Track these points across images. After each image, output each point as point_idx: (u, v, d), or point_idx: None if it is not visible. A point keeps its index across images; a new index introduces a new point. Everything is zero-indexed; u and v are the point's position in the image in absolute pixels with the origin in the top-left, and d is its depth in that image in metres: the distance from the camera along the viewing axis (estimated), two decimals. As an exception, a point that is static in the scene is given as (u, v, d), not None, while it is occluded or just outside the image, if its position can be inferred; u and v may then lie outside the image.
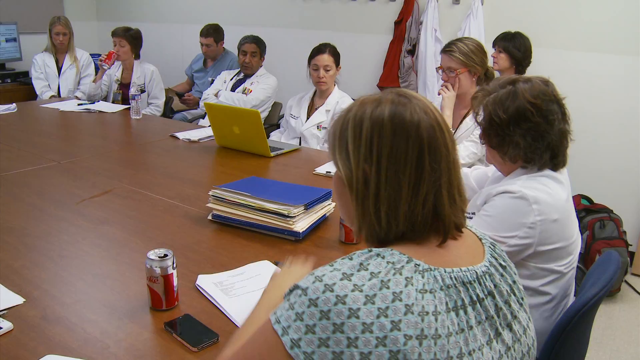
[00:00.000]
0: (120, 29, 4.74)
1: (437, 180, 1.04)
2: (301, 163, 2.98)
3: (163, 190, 2.46)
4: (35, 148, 3.19)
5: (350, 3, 5.11)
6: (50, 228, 2.07)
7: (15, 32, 5.95)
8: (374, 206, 1.06)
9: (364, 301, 0.93)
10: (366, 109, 1.08)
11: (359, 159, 1.07)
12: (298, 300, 0.97)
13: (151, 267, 1.47)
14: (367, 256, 1.01)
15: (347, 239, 1.96)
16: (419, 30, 4.77)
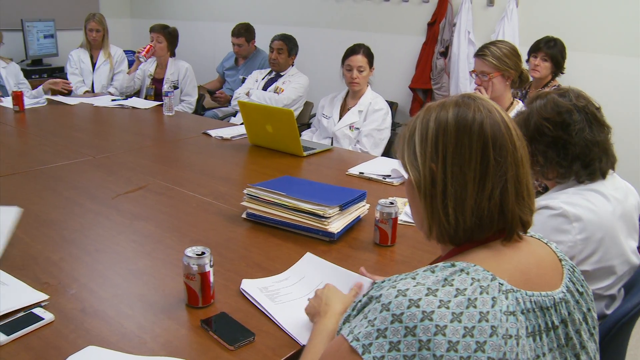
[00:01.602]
0: (158, 26, 4.79)
1: (503, 175, 1.05)
2: (334, 163, 2.97)
3: (196, 187, 2.47)
4: (71, 142, 3.23)
5: (384, 4, 5.09)
6: (86, 222, 2.09)
7: (52, 28, 6.05)
8: (441, 203, 1.07)
9: (451, 319, 0.92)
10: (431, 112, 1.11)
11: (425, 159, 1.08)
12: (379, 316, 0.96)
13: (188, 264, 1.48)
14: (452, 271, 1.01)
15: (382, 241, 1.95)
16: (452, 32, 4.74)
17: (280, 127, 2.95)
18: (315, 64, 5.37)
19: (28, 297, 1.52)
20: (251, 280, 1.66)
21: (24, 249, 1.85)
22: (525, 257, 1.09)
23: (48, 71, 5.99)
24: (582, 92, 1.76)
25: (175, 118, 3.99)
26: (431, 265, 1.06)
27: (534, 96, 1.81)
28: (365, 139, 3.57)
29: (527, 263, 1.08)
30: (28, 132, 3.63)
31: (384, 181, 2.63)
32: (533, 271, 1.08)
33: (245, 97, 4.55)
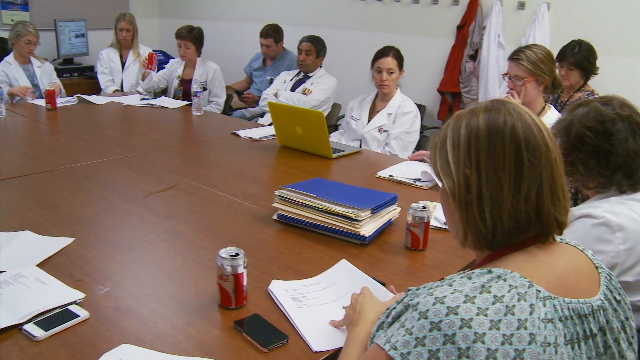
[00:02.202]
0: (184, 30, 4.80)
1: (538, 177, 1.04)
2: (363, 166, 2.96)
3: (226, 187, 2.48)
4: (101, 141, 3.26)
5: (413, 6, 5.06)
6: (118, 220, 2.11)
7: (84, 28, 6.14)
8: (477, 208, 1.06)
9: (489, 326, 0.92)
10: (462, 120, 1.11)
11: (459, 165, 1.08)
12: (417, 324, 0.95)
13: (222, 265, 1.48)
14: (488, 278, 1.00)
15: (413, 245, 1.94)
16: (482, 35, 4.70)
17: (310, 129, 2.95)
18: (343, 65, 5.36)
19: (65, 295, 1.53)
20: (280, 281, 1.66)
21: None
22: (561, 263, 1.08)
23: (78, 70, 6.07)
24: (626, 101, 1.73)
25: (204, 118, 4.00)
26: (467, 272, 1.05)
27: (575, 104, 1.78)
28: (394, 142, 3.55)
29: (564, 269, 1.07)
30: (60, 130, 3.67)
31: (413, 184, 2.61)
32: (570, 278, 1.06)
33: (273, 98, 4.56)
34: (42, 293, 1.54)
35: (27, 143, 3.41)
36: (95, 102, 4.34)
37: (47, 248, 1.80)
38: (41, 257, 1.75)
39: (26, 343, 1.35)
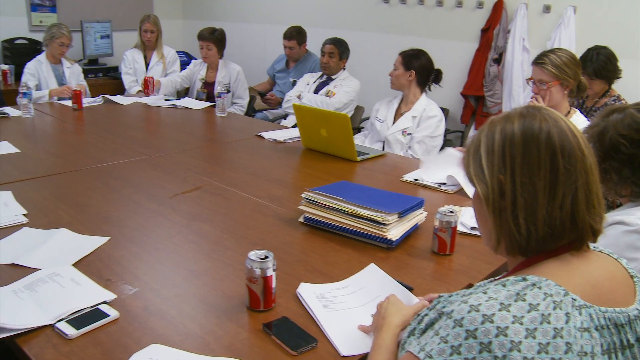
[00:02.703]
0: (206, 32, 4.82)
1: (574, 183, 1.03)
2: (388, 169, 2.95)
3: (252, 189, 2.48)
4: (127, 141, 3.29)
5: (437, 9, 5.04)
6: (145, 221, 2.12)
7: (109, 29, 6.20)
8: (512, 214, 1.05)
9: (525, 334, 0.91)
10: (496, 125, 1.10)
11: (493, 171, 1.07)
12: (452, 332, 0.95)
13: (251, 267, 1.48)
14: (523, 285, 0.99)
15: (440, 250, 1.92)
16: (507, 39, 4.67)
17: (335, 131, 2.94)
18: (366, 68, 5.35)
19: (96, 295, 1.55)
20: (309, 284, 1.66)
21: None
22: (596, 271, 1.07)
23: (103, 70, 6.13)
24: None
25: (228, 119, 4.02)
26: (501, 280, 1.04)
27: (609, 109, 1.74)
28: (417, 146, 3.54)
29: (599, 277, 1.06)
30: (85, 130, 3.71)
31: (439, 189, 2.59)
32: (605, 286, 1.05)
33: (296, 100, 4.57)
34: (75, 292, 1.55)
35: (54, 142, 3.45)
36: (120, 102, 4.37)
37: (83, 247, 1.82)
38: (77, 256, 1.77)
39: (58, 341, 1.37)
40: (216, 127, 3.92)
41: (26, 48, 5.67)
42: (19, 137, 3.29)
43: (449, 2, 4.95)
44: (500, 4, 4.64)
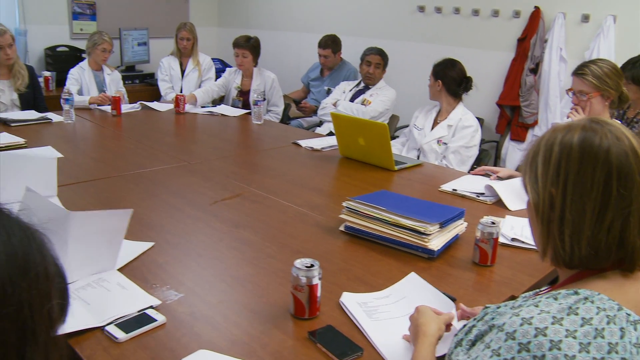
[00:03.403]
0: (241, 40, 4.86)
1: (626, 208, 1.01)
2: (425, 179, 2.94)
3: (291, 197, 2.50)
4: (166, 147, 3.34)
5: (473, 18, 5.02)
6: (187, 227, 2.15)
7: (146, 36, 6.30)
8: (558, 229, 1.05)
9: (579, 349, 0.90)
10: (557, 135, 1.08)
11: (546, 183, 1.07)
12: (504, 345, 0.94)
13: (297, 275, 1.49)
14: (575, 299, 0.98)
15: (481, 261, 1.92)
16: (544, 49, 4.63)
17: (373, 141, 2.95)
18: (401, 77, 5.34)
19: (143, 300, 1.57)
20: (351, 294, 1.66)
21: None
22: None
23: (140, 77, 6.22)
24: None
25: (264, 127, 4.05)
26: (552, 292, 1.03)
27: None
28: (452, 156, 3.52)
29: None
30: (124, 135, 3.77)
31: (477, 199, 2.58)
32: None
33: (332, 108, 4.59)
34: (122, 297, 1.58)
35: (95, 148, 3.51)
36: (157, 109, 4.44)
37: (128, 252, 1.85)
38: (123, 261, 1.79)
39: (108, 344, 1.39)
40: (253, 134, 3.95)
41: (67, 55, 5.79)
42: (61, 142, 3.36)
43: (485, 11, 4.93)
44: (537, 13, 4.60)
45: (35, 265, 0.71)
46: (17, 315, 0.67)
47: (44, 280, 0.71)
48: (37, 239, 0.74)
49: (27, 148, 3.17)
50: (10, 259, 0.68)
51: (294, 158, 3.24)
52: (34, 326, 0.69)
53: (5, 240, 0.69)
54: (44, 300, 0.71)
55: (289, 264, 1.79)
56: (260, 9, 6.87)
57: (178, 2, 6.89)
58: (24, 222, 0.74)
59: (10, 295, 0.66)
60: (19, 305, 0.67)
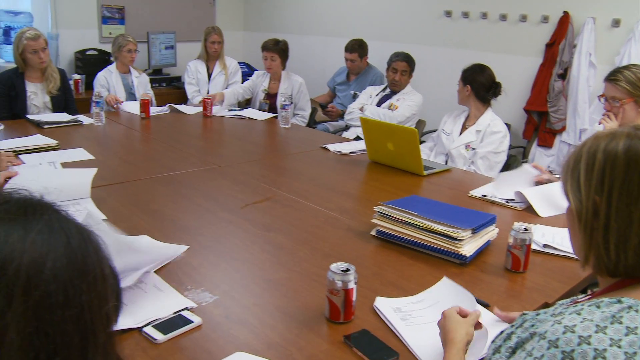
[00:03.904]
0: (270, 43, 4.89)
1: None
2: (454, 184, 2.94)
3: (321, 201, 2.51)
4: (195, 150, 3.37)
5: (500, 23, 5.00)
6: (220, 230, 2.17)
7: (173, 40, 6.38)
8: (602, 237, 1.04)
9: (624, 358, 0.89)
10: (600, 142, 1.07)
11: (589, 190, 1.05)
12: (547, 353, 0.94)
13: (333, 279, 1.50)
14: (619, 308, 0.97)
15: (514, 267, 1.91)
16: (572, 54, 4.60)
17: (402, 146, 2.95)
18: (428, 82, 5.33)
19: (179, 302, 1.60)
20: (385, 298, 1.67)
21: (167, 252, 1.93)
22: None
23: (167, 80, 6.29)
24: None
25: (291, 131, 4.07)
26: (594, 300, 1.02)
27: None
28: (481, 161, 3.51)
29: None
30: (154, 138, 3.82)
31: (507, 205, 2.57)
32: None
33: (358, 112, 4.60)
34: (159, 299, 1.60)
35: (125, 150, 3.56)
36: (186, 112, 4.48)
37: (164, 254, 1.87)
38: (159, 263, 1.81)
39: (147, 345, 1.41)
40: (280, 138, 3.98)
41: (96, 58, 5.88)
42: (92, 144, 3.41)
43: (513, 16, 4.91)
44: (566, 18, 4.57)
45: (93, 267, 0.72)
46: (78, 317, 0.68)
47: (101, 282, 0.73)
48: (93, 240, 0.75)
49: (60, 150, 3.22)
50: (71, 261, 0.69)
51: (322, 162, 3.25)
52: (94, 327, 0.70)
53: (65, 243, 0.70)
54: (102, 301, 0.73)
55: (322, 268, 1.81)
56: (286, 13, 6.90)
57: (205, 6, 6.95)
58: (80, 223, 0.76)
59: (71, 297, 0.68)
60: (80, 307, 0.68)
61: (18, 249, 0.66)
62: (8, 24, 5.41)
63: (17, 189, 0.75)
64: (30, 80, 4.22)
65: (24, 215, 0.70)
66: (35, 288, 0.65)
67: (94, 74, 4.97)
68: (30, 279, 0.65)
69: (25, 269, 0.65)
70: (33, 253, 0.66)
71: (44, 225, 0.70)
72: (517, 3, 4.86)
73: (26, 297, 0.64)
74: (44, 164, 2.96)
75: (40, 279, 0.66)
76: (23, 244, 0.66)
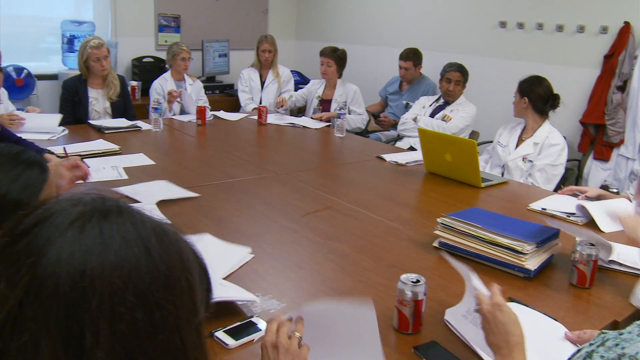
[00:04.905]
0: (328, 49, 4.94)
1: None
2: (512, 197, 2.91)
3: (381, 211, 2.52)
4: (252, 157, 3.42)
5: (556, 34, 4.93)
6: (283, 238, 2.20)
7: (227, 48, 6.50)
8: None
9: None
10: None
11: None
12: None
13: (403, 290, 1.51)
14: None
15: (579, 283, 1.89)
16: (633, 66, 4.50)
17: (460, 157, 2.95)
18: (482, 93, 5.29)
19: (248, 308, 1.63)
20: (452, 307, 1.67)
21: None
22: None
23: (220, 87, 6.40)
24: None
25: (346, 140, 4.09)
26: None
27: None
28: (538, 174, 3.47)
29: None
30: (210, 144, 3.89)
31: (568, 219, 2.53)
32: None
33: (412, 123, 4.61)
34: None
35: (184, 156, 3.64)
36: (229, 118, 4.59)
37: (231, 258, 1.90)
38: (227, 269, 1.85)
39: (219, 349, 1.45)
40: (335, 147, 4.00)
41: (152, 66, 6.03)
42: (152, 149, 3.49)
43: (570, 27, 4.84)
44: (627, 29, 4.48)
45: (179, 279, 0.67)
46: (168, 341, 0.64)
47: (188, 294, 0.68)
48: (174, 244, 0.69)
49: (122, 154, 3.31)
50: (155, 279, 0.64)
51: (379, 172, 3.27)
52: (184, 347, 0.66)
53: (146, 257, 0.64)
54: (191, 315, 0.68)
55: (386, 278, 1.83)
56: (338, 22, 6.94)
57: (258, 15, 7.06)
58: (157, 223, 0.70)
59: (158, 321, 0.63)
60: (169, 330, 0.64)
61: (97, 279, 0.61)
62: (72, 33, 5.59)
63: (90, 191, 0.71)
64: (92, 86, 4.36)
65: (99, 232, 0.64)
66: (120, 319, 0.61)
67: (149, 80, 5.11)
68: (115, 309, 0.61)
69: (108, 299, 0.60)
70: (114, 279, 0.61)
71: (121, 240, 0.64)
72: (575, 14, 4.79)
73: (112, 331, 0.60)
74: (108, 168, 3.05)
75: (125, 307, 0.61)
76: (102, 271, 0.61)
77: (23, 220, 0.66)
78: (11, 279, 0.60)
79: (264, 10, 7.12)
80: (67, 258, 0.61)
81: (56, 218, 0.65)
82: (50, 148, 3.12)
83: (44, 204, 0.68)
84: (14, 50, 5.31)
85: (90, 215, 0.65)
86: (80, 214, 0.65)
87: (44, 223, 0.64)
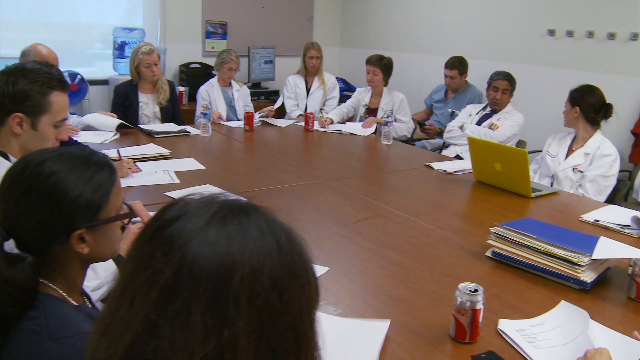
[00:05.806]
0: (374, 57, 4.96)
1: None
2: (563, 207, 2.89)
3: (432, 219, 2.53)
4: (300, 163, 3.46)
5: (608, 42, 4.86)
6: (336, 244, 2.22)
7: (272, 55, 6.59)
8: None
9: None
10: None
11: None
12: None
13: (462, 299, 1.52)
14: None
15: (638, 297, 1.86)
16: (686, 75, 4.41)
17: (510, 167, 2.93)
18: (530, 102, 5.24)
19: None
20: (508, 320, 1.67)
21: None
22: None
23: (265, 94, 6.48)
24: None
25: (394, 148, 4.11)
26: None
27: None
28: (589, 185, 3.43)
29: None
30: (258, 150, 3.95)
31: (622, 231, 2.50)
32: None
33: (458, 131, 4.59)
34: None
35: (232, 161, 3.70)
36: (277, 124, 4.64)
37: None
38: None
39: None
40: (382, 154, 4.02)
41: (198, 71, 6.14)
42: (201, 154, 3.56)
43: (622, 35, 4.75)
44: (680, 38, 4.40)
45: (301, 271, 0.75)
46: (294, 323, 0.72)
47: (308, 286, 0.76)
48: (298, 242, 0.78)
49: (172, 159, 3.39)
50: (284, 267, 0.72)
51: (427, 180, 3.27)
52: (306, 331, 0.74)
53: (277, 249, 0.73)
54: (311, 306, 0.76)
55: (440, 287, 1.84)
56: (383, 30, 6.95)
57: (303, 22, 7.13)
58: (284, 225, 0.78)
59: (286, 303, 0.71)
60: (294, 313, 0.72)
61: (239, 260, 0.70)
62: (123, 39, 5.73)
63: (221, 192, 0.79)
64: (142, 91, 4.47)
65: (239, 222, 0.73)
66: (257, 296, 0.69)
67: (196, 86, 5.21)
68: (253, 287, 0.69)
69: (248, 278, 0.69)
70: (253, 262, 0.70)
71: (257, 231, 0.73)
72: (626, 21, 4.71)
73: (250, 306, 0.68)
74: (159, 172, 3.12)
75: (261, 287, 0.69)
76: (243, 254, 0.70)
77: (166, 212, 0.76)
78: (166, 255, 0.70)
79: (309, 17, 7.19)
80: (214, 241, 0.71)
81: (199, 210, 0.74)
82: (103, 151, 3.20)
83: (180, 200, 0.77)
84: (67, 56, 5.46)
85: (230, 209, 0.75)
86: (220, 208, 0.75)
87: (187, 215, 0.74)
